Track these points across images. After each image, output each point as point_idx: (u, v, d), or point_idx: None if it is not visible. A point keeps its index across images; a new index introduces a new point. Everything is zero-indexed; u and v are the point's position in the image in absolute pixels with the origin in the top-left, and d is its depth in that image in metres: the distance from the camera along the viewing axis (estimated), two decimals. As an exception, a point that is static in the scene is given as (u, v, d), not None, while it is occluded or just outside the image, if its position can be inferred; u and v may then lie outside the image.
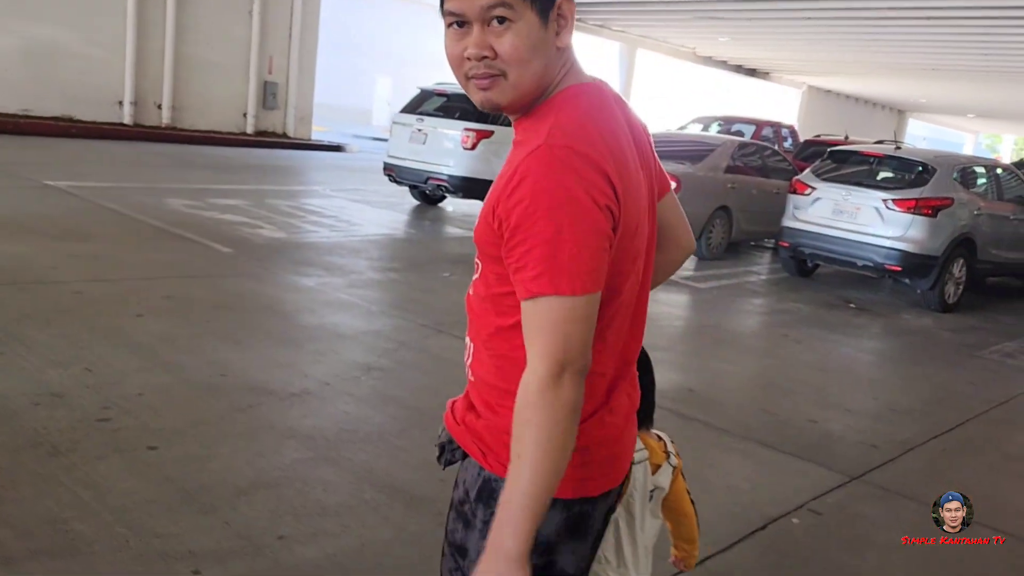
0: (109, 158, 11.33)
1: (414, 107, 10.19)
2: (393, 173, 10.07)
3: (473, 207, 10.72)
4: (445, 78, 12.14)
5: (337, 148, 17.48)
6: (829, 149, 8.62)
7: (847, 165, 8.29)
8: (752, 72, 29.00)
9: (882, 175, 8.10)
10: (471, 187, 9.58)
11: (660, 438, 1.60)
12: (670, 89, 31.29)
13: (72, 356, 3.85)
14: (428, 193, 10.63)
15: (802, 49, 23.21)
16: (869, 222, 7.53)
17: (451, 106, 10.09)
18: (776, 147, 10.85)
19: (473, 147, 9.39)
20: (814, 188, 7.98)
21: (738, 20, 19.51)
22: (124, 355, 3.97)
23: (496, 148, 9.55)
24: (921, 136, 39.91)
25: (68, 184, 8.46)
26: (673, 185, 5.96)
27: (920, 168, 7.80)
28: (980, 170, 8.30)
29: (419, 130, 9.76)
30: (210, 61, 15.58)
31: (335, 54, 22.82)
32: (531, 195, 1.07)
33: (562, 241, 1.05)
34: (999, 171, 8.49)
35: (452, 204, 11.01)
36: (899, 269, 7.43)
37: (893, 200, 7.43)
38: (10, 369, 3.62)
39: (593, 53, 29.04)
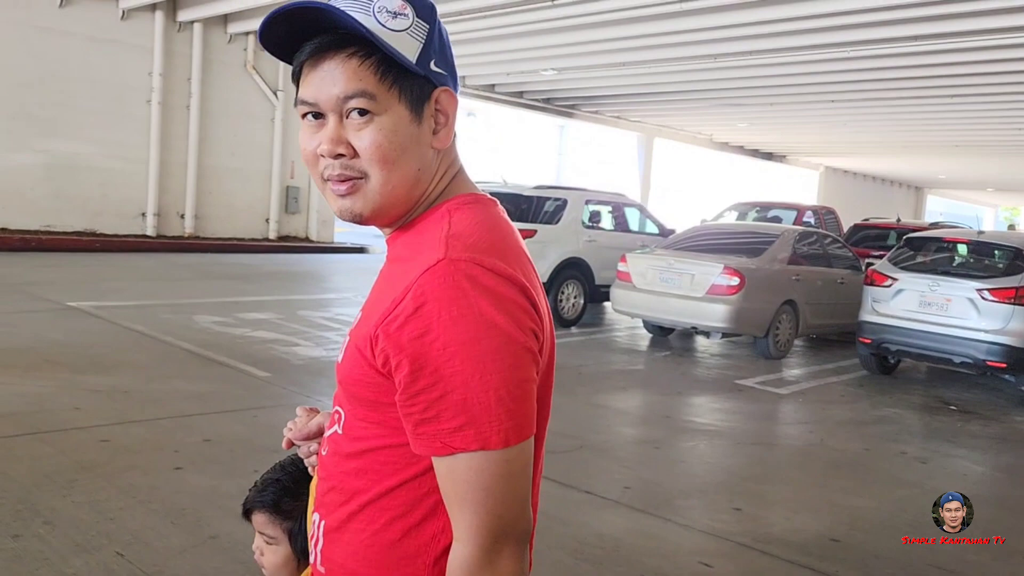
0: (133, 273, 10.89)
1: (450, 208, 9.75)
2: (431, 278, 9.52)
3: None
4: (476, 176, 11.83)
5: (360, 250, 17.11)
6: (906, 236, 8.05)
7: (927, 252, 7.70)
8: (768, 156, 28.91)
9: (968, 262, 7.49)
10: (515, 290, 9.01)
11: None
12: (684, 176, 31.21)
13: (101, 535, 3.18)
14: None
15: (821, 131, 23.11)
16: (963, 314, 6.87)
17: (489, 205, 9.64)
18: (824, 232, 10.30)
19: (516, 248, 8.86)
20: (895, 279, 7.36)
21: (758, 106, 19.39)
22: (164, 528, 3.30)
23: (540, 248, 9.03)
24: (939, 212, 39.58)
25: (91, 305, 7.95)
26: (736, 281, 5.16)
27: (1010, 254, 7.19)
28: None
29: (457, 232, 9.27)
30: (232, 169, 15.39)
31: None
32: (437, 325, 0.86)
33: (487, 382, 0.87)
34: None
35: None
36: (1003, 365, 6.73)
37: (989, 290, 6.79)
38: (29, 559, 2.94)
39: (609, 143, 29.14)
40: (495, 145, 30.33)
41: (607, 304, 10.26)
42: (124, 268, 11.28)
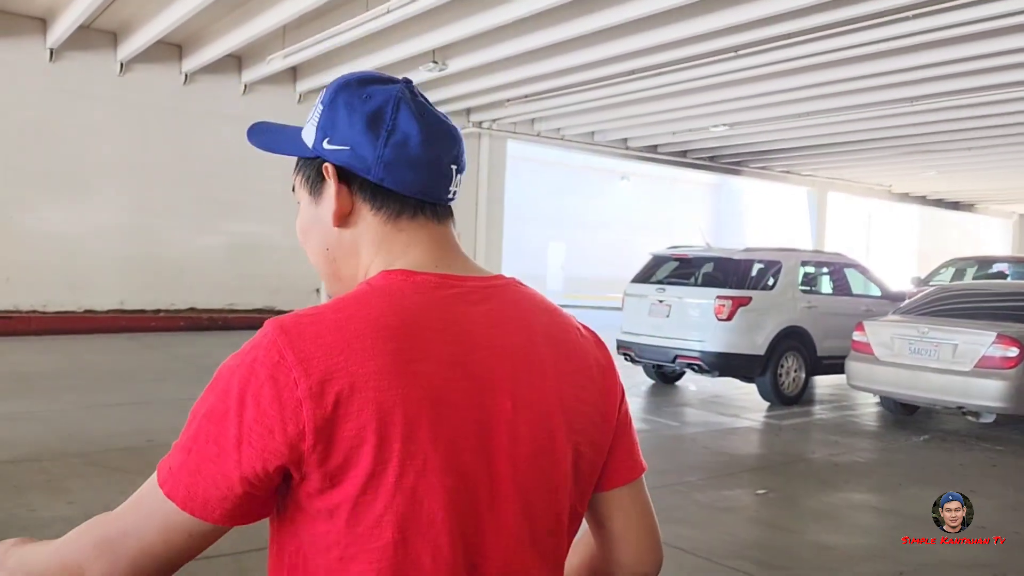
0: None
1: (647, 275, 8.97)
2: (631, 352, 8.72)
3: (722, 386, 9.16)
4: (674, 240, 11.02)
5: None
6: None
7: None
8: (954, 205, 26.56)
9: None
10: (729, 364, 8.07)
11: None
12: (853, 231, 29.20)
13: None
14: (662, 371, 9.21)
15: (1017, 177, 20.90)
16: None
17: (690, 271, 8.81)
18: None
19: (729, 317, 7.95)
20: None
21: (953, 151, 17.70)
22: None
23: (756, 317, 8.08)
24: None
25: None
26: (1015, 352, 4.54)
27: None
28: None
29: (660, 301, 8.47)
30: (400, 242, 15.34)
31: (506, 221, 22.68)
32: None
33: (191, 426, 0.82)
34: None
35: (694, 382, 9.48)
36: None
37: None
38: None
39: (778, 199, 27.68)
40: (653, 208, 29.54)
41: (819, 379, 9.06)
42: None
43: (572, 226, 28.12)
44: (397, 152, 0.90)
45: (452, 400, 0.84)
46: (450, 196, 0.96)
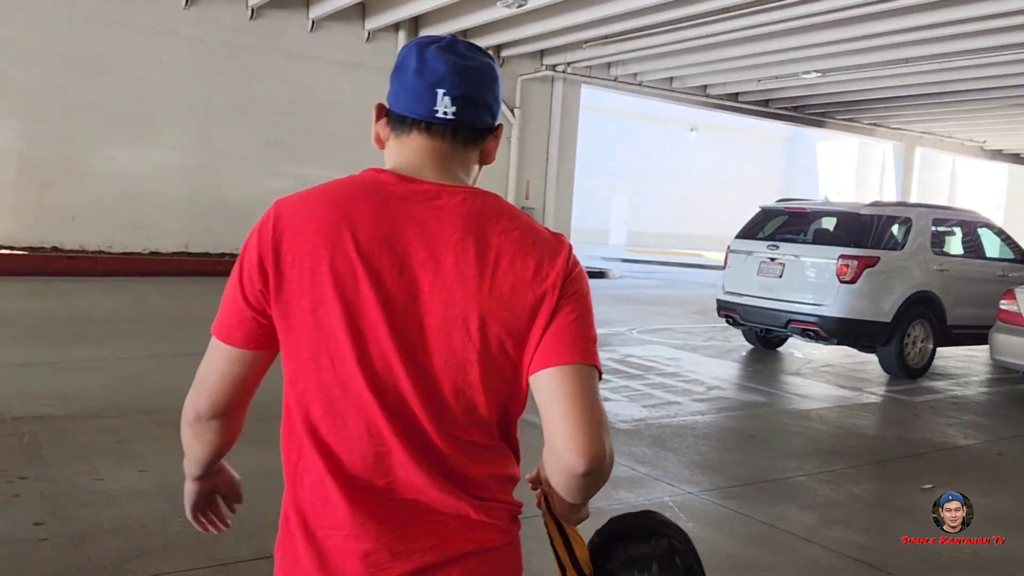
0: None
1: (754, 231, 8.13)
2: (735, 314, 7.95)
3: (830, 354, 8.36)
4: (745, 196, 10.17)
5: (600, 274, 15.86)
6: None
7: None
8: (1050, 164, 24.84)
9: None
10: (851, 331, 7.25)
11: None
12: (942, 188, 27.65)
13: None
14: (767, 336, 8.42)
15: None
16: None
17: (803, 227, 7.95)
18: None
19: (854, 279, 7.11)
20: None
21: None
22: None
23: (883, 279, 7.23)
24: None
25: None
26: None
27: None
28: None
29: (772, 260, 7.65)
30: (469, 190, 14.66)
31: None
32: None
33: None
34: None
35: (798, 348, 8.68)
36: None
37: None
38: None
39: (851, 155, 26.25)
40: (723, 162, 28.32)
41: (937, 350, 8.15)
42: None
43: (637, 178, 27.09)
44: (400, 83, 1.16)
45: (374, 266, 1.07)
46: (438, 114, 1.13)
